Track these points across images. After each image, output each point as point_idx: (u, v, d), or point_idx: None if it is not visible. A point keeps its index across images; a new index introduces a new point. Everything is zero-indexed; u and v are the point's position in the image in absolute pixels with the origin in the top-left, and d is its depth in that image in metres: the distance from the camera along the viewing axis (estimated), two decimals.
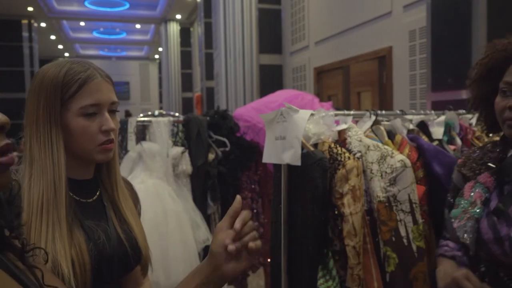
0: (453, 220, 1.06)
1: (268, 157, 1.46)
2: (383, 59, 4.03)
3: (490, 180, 1.06)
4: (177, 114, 2.48)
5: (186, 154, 2.27)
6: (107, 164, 0.99)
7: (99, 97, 0.89)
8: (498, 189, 1.05)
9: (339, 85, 4.92)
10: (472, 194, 1.06)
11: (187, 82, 12.59)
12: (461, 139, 1.69)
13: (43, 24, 12.42)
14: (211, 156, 2.33)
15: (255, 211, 2.51)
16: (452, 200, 1.17)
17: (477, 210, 1.03)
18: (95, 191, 0.98)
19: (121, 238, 0.94)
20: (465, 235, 1.02)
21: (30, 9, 10.76)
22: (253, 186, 2.53)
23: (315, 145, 1.41)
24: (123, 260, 0.94)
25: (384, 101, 4.00)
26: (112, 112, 0.93)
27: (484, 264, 1.10)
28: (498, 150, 1.12)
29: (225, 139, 2.38)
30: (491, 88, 1.12)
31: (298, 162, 1.30)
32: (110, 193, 0.99)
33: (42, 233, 0.81)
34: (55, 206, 0.84)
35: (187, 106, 12.20)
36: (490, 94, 1.12)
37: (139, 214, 1.08)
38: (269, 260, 2.53)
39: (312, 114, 1.37)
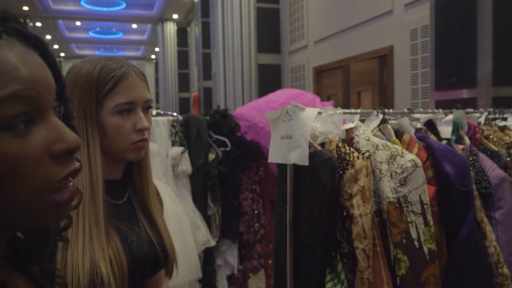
0: None
1: (273, 157, 1.41)
2: (384, 58, 4.00)
3: None
4: (175, 113, 2.43)
5: (186, 154, 2.22)
6: (138, 164, 0.97)
7: (133, 95, 0.87)
8: None
9: (339, 84, 4.89)
10: None
11: (184, 82, 12.54)
12: (470, 138, 1.65)
13: (38, 24, 12.34)
14: (211, 156, 2.28)
15: (255, 212, 2.47)
16: None
17: None
18: (124, 193, 0.96)
19: (153, 242, 0.93)
20: None
21: (25, 8, 10.68)
22: (253, 187, 2.48)
23: (322, 144, 1.37)
24: (154, 262, 0.93)
25: (384, 100, 3.97)
26: (146, 110, 0.91)
27: None
28: None
29: (225, 139, 2.33)
30: None
31: (305, 162, 1.25)
32: (140, 194, 0.97)
33: (79, 234, 0.80)
34: (92, 207, 0.83)
35: (184, 106, 12.15)
36: None
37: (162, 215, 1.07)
38: (270, 262, 2.50)
39: (319, 113, 1.32)
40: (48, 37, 14.48)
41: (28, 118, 0.42)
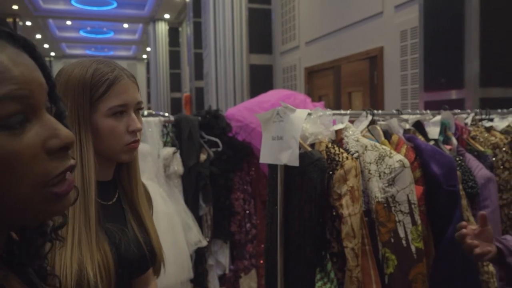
0: None
1: (265, 158, 1.42)
2: (374, 59, 4.03)
3: None
4: (166, 114, 2.43)
5: (178, 155, 2.22)
6: (127, 165, 0.98)
7: (126, 98, 0.89)
8: None
9: (330, 85, 4.92)
10: None
11: (175, 82, 12.50)
12: (457, 139, 1.69)
13: (28, 23, 12.19)
14: (203, 157, 2.29)
15: (247, 212, 2.48)
16: None
17: None
18: (114, 194, 0.97)
19: (140, 242, 0.94)
20: None
21: (15, 7, 10.55)
22: (245, 187, 2.50)
23: (312, 145, 1.38)
24: (142, 263, 0.95)
25: (375, 101, 4.00)
26: (137, 111, 0.94)
27: None
28: None
29: (217, 139, 2.34)
30: None
31: (296, 163, 1.27)
32: (129, 194, 0.98)
33: (69, 235, 0.81)
34: (83, 210, 0.83)
35: (175, 106, 12.11)
36: None
37: (151, 214, 1.08)
38: (261, 262, 2.51)
39: (309, 114, 1.34)
40: (38, 36, 14.34)
41: (22, 117, 0.43)
